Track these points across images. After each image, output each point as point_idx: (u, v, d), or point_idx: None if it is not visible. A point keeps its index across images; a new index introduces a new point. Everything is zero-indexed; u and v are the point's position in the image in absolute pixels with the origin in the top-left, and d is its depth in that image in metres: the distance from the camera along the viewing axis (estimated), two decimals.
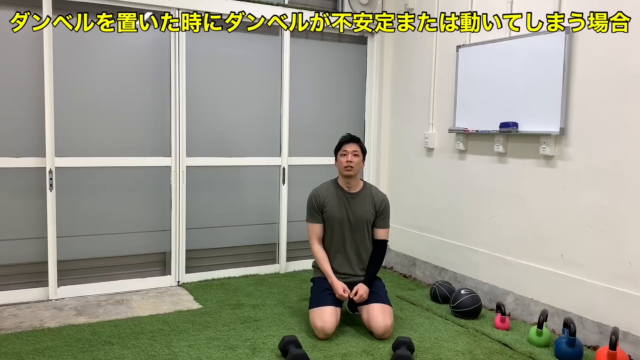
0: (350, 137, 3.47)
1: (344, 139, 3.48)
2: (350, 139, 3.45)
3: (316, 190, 3.52)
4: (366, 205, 3.46)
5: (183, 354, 2.96)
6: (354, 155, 3.40)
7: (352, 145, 3.42)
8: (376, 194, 3.52)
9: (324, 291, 3.35)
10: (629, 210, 3.02)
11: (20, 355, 2.89)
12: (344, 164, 3.40)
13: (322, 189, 3.52)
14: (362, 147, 3.47)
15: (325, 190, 3.50)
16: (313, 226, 3.48)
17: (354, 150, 3.41)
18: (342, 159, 3.42)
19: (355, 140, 3.46)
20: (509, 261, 3.74)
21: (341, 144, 3.46)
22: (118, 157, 3.97)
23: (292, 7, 4.44)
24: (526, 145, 3.61)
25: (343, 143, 3.45)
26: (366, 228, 3.47)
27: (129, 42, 3.96)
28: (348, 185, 3.46)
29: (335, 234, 3.46)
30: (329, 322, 3.19)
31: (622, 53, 3.04)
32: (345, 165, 3.39)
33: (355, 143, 3.44)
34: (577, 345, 2.94)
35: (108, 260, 4.04)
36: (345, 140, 3.45)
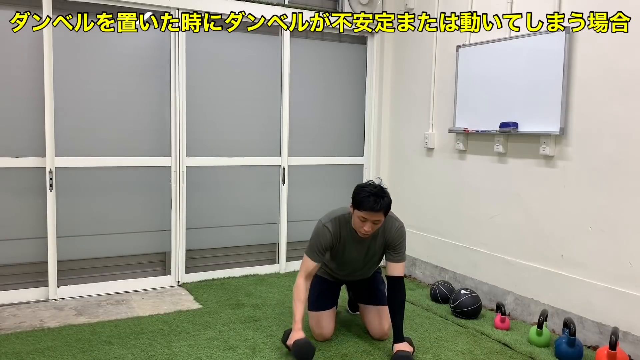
0: (376, 202, 2.78)
1: (369, 204, 2.77)
2: (378, 208, 2.78)
3: (329, 228, 2.99)
4: (378, 242, 3.06)
5: (183, 354, 2.96)
6: (374, 223, 2.85)
7: (376, 215, 2.81)
8: (388, 227, 3.00)
9: (321, 295, 3.24)
10: (628, 210, 3.02)
11: (20, 355, 2.89)
12: (360, 229, 2.88)
13: (335, 226, 2.99)
14: (387, 212, 2.87)
15: (339, 230, 3.00)
16: (311, 263, 3.00)
17: (377, 220, 2.84)
18: (359, 222, 2.86)
19: (383, 207, 2.81)
20: (509, 261, 3.74)
21: (363, 207, 2.80)
22: (118, 157, 3.97)
23: (292, 7, 4.44)
24: (526, 145, 3.61)
25: (365, 209, 2.79)
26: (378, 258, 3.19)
27: (129, 42, 3.96)
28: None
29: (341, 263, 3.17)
30: (326, 328, 3.19)
31: (622, 53, 3.04)
32: (362, 232, 2.88)
33: (382, 212, 2.82)
34: (577, 345, 2.94)
35: (108, 260, 4.04)
36: (370, 208, 2.78)
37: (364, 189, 2.84)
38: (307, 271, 3.01)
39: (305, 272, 3.01)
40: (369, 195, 2.79)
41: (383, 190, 2.85)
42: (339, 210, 3.06)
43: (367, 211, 2.79)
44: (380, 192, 2.82)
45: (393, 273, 3.00)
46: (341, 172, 4.91)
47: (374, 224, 2.85)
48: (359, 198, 2.82)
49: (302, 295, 2.98)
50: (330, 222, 3.00)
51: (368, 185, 2.87)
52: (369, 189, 2.83)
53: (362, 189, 2.84)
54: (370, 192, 2.80)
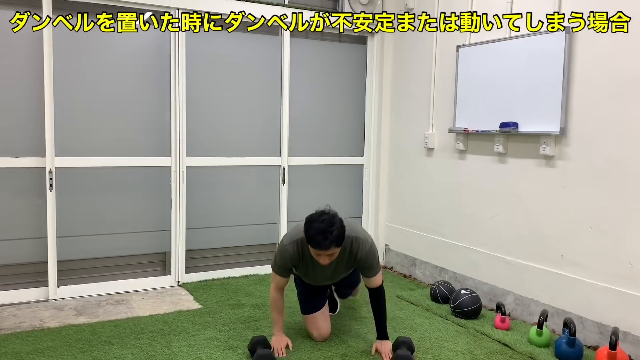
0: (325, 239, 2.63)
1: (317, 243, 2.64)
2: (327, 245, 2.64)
3: (289, 250, 2.90)
4: (343, 263, 2.98)
5: (183, 354, 2.96)
6: (329, 256, 2.74)
7: (327, 251, 2.70)
8: (354, 250, 2.90)
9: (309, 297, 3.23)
10: (629, 210, 3.02)
11: (20, 355, 2.89)
12: (318, 260, 2.78)
13: (296, 248, 2.90)
14: (339, 243, 2.71)
15: (300, 251, 2.91)
16: (279, 279, 2.99)
17: (331, 254, 2.73)
18: (315, 255, 2.77)
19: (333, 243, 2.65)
20: (509, 261, 3.74)
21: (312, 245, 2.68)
22: (118, 157, 3.97)
23: (292, 7, 4.44)
24: (526, 145, 3.61)
25: (315, 247, 2.68)
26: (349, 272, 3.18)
27: (129, 42, 3.96)
28: None
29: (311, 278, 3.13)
30: (323, 327, 3.19)
31: (622, 53, 3.04)
32: (320, 262, 2.79)
33: (333, 247, 2.67)
34: (577, 345, 2.94)
35: (108, 260, 4.04)
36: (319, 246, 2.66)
37: (312, 224, 2.68)
38: (277, 286, 3.03)
39: (276, 287, 3.03)
40: (317, 232, 2.64)
41: (332, 222, 2.66)
42: (300, 231, 2.85)
43: (316, 249, 2.69)
44: (329, 226, 2.64)
45: (371, 285, 3.01)
46: (341, 172, 4.91)
47: (329, 257, 2.74)
48: (307, 235, 2.69)
49: (279, 306, 3.05)
50: (290, 244, 2.91)
51: (317, 219, 2.69)
52: (317, 224, 2.66)
53: (311, 225, 2.68)
54: (318, 228, 2.64)
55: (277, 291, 3.04)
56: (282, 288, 3.05)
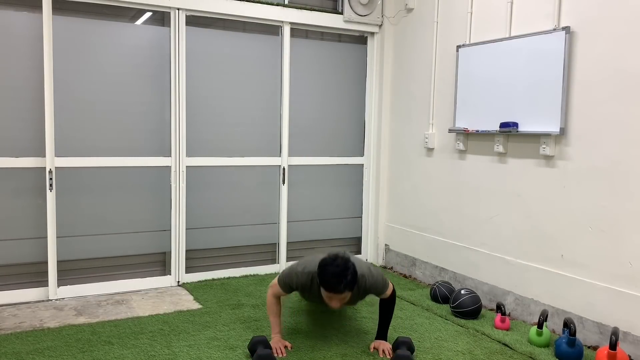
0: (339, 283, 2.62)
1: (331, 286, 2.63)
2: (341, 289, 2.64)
3: (300, 277, 2.91)
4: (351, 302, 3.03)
5: (183, 354, 2.96)
6: (341, 300, 2.73)
7: (341, 295, 2.68)
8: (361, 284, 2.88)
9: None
10: (629, 210, 3.02)
11: (20, 355, 2.89)
12: (329, 303, 2.77)
13: (306, 280, 2.90)
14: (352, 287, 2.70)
15: (309, 284, 2.91)
16: (280, 291, 3.00)
17: (343, 298, 2.72)
18: (326, 298, 2.75)
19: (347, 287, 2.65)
20: (509, 261, 3.74)
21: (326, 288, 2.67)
22: (118, 157, 3.97)
23: (292, 7, 4.44)
24: (526, 145, 3.61)
25: (329, 290, 2.66)
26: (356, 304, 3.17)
27: (128, 42, 3.96)
28: None
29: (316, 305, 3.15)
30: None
31: (622, 53, 3.04)
32: (331, 305, 2.77)
33: (347, 292, 2.67)
34: (577, 345, 2.94)
35: (108, 260, 4.04)
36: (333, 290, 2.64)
37: (327, 268, 2.66)
38: (276, 295, 3.05)
39: (274, 294, 3.05)
40: (331, 276, 2.63)
41: (346, 266, 2.65)
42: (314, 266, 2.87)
43: (330, 292, 2.68)
44: (344, 270, 2.63)
45: (383, 297, 3.06)
46: (341, 172, 4.91)
47: (341, 300, 2.73)
48: (321, 278, 2.67)
49: (276, 310, 3.06)
50: (303, 274, 2.91)
51: (332, 262, 2.67)
52: (331, 268, 2.64)
53: (325, 268, 2.66)
54: (333, 272, 2.63)
55: (274, 297, 3.06)
56: (280, 297, 3.08)
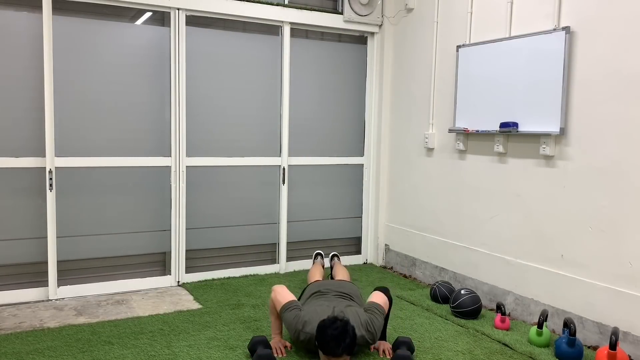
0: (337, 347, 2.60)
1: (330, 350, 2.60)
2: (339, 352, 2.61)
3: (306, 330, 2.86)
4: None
5: (183, 354, 2.96)
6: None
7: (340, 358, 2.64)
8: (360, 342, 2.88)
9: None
10: (629, 210, 3.02)
11: (20, 355, 2.89)
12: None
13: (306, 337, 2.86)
14: (351, 352, 2.67)
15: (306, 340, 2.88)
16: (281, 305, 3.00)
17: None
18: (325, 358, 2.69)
19: (345, 350, 2.62)
20: (509, 261, 3.74)
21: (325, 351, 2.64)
22: (118, 157, 3.97)
23: (292, 7, 4.44)
24: (526, 145, 3.61)
25: (327, 354, 2.63)
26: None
27: (128, 41, 3.96)
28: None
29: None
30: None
31: (622, 53, 3.04)
32: None
33: (345, 355, 2.64)
34: (577, 345, 2.94)
35: (108, 260, 4.04)
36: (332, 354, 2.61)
37: (326, 331, 2.63)
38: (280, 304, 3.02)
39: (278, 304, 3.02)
40: (330, 339, 2.60)
41: (345, 330, 2.62)
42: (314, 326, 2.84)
43: (328, 356, 2.63)
44: (342, 333, 2.61)
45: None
46: (341, 172, 4.91)
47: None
48: (320, 340, 2.64)
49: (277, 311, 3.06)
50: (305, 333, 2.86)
51: (330, 326, 2.64)
52: (330, 331, 2.61)
53: (324, 331, 2.63)
54: (332, 335, 2.60)
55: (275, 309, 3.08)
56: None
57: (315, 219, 4.83)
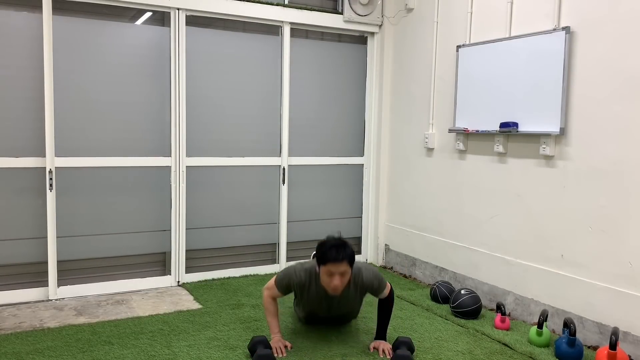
0: (338, 253, 2.78)
1: (332, 255, 2.77)
2: (340, 258, 2.77)
3: (299, 274, 2.99)
4: (349, 299, 3.08)
5: (183, 354, 2.96)
6: (341, 276, 2.82)
7: (341, 266, 2.79)
8: (359, 279, 2.99)
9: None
10: (629, 210, 3.02)
11: (20, 355, 2.89)
12: (330, 285, 2.85)
13: (305, 277, 2.98)
14: (351, 261, 2.85)
15: (308, 281, 2.99)
16: (277, 292, 3.04)
17: (343, 271, 2.82)
18: (327, 278, 2.84)
19: (346, 257, 2.79)
20: (509, 261, 3.74)
21: (326, 259, 2.79)
22: (118, 157, 3.97)
23: (292, 7, 4.44)
24: (526, 145, 3.61)
25: (329, 261, 2.78)
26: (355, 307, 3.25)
27: (128, 41, 3.96)
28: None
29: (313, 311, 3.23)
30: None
31: (622, 53, 3.04)
32: (332, 287, 2.85)
33: (346, 262, 2.80)
34: (577, 345, 2.94)
35: (108, 260, 4.04)
36: (333, 259, 2.78)
37: (326, 242, 2.86)
38: (272, 296, 3.07)
39: (270, 295, 3.07)
40: (330, 247, 2.81)
41: (344, 241, 2.86)
42: (312, 263, 3.03)
43: (331, 262, 2.78)
44: (342, 243, 2.84)
45: (381, 297, 3.10)
46: (341, 172, 4.91)
47: (341, 276, 2.83)
48: (321, 252, 2.83)
49: (274, 310, 3.08)
50: (301, 271, 3.01)
51: (329, 240, 2.88)
52: (330, 242, 2.85)
53: (324, 244, 2.86)
54: (332, 244, 2.82)
55: (270, 298, 3.08)
56: (276, 298, 3.10)
57: (316, 219, 4.83)
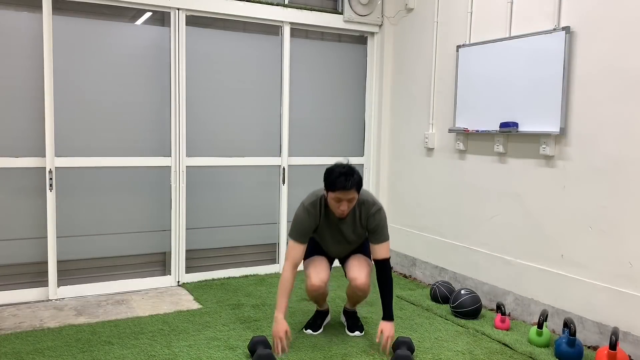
0: (347, 180, 2.83)
1: (340, 184, 2.82)
2: (349, 186, 2.83)
3: (309, 208, 3.02)
4: (356, 225, 3.09)
5: (183, 354, 2.96)
6: (349, 202, 2.90)
7: (349, 193, 2.86)
8: (364, 209, 3.04)
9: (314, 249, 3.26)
10: (629, 210, 3.02)
11: (20, 355, 2.89)
12: (337, 210, 2.92)
13: (313, 205, 3.03)
14: (359, 188, 2.92)
15: (320, 209, 3.04)
16: (297, 247, 2.99)
17: (351, 198, 2.89)
18: (335, 203, 2.90)
19: (354, 185, 2.85)
20: (509, 261, 3.74)
21: (335, 187, 2.85)
22: (118, 157, 3.97)
23: (292, 7, 4.45)
24: (526, 145, 3.61)
25: (338, 189, 2.84)
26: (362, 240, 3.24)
27: (129, 42, 3.96)
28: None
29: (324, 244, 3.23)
30: (322, 272, 3.12)
31: (622, 53, 3.04)
32: (339, 212, 2.93)
33: (354, 189, 2.86)
34: (577, 345, 2.94)
35: (108, 260, 4.04)
36: (342, 187, 2.83)
37: (334, 170, 2.88)
38: (294, 258, 2.98)
39: (292, 260, 2.98)
40: (339, 175, 2.84)
41: (352, 168, 2.89)
42: (320, 191, 3.07)
43: (339, 190, 2.83)
44: (350, 170, 2.86)
45: (377, 256, 3.04)
46: None
47: (349, 202, 2.89)
48: (329, 180, 2.87)
49: (289, 288, 2.96)
50: (311, 204, 3.03)
51: (337, 167, 2.90)
52: (338, 169, 2.87)
53: (332, 171, 2.88)
54: (340, 172, 2.85)
55: (291, 269, 2.96)
56: (297, 264, 3.00)
57: None
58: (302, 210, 3.03)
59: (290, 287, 2.96)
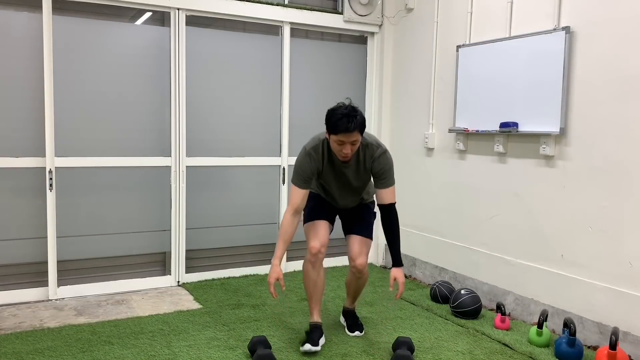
0: (349, 122, 2.71)
1: (343, 125, 2.71)
2: (352, 128, 2.72)
3: (310, 151, 2.92)
4: (360, 169, 2.97)
5: (183, 354, 2.96)
6: (352, 145, 2.79)
7: (352, 136, 2.75)
8: (368, 152, 2.92)
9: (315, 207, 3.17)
10: (629, 210, 3.02)
11: (20, 355, 2.89)
12: (340, 153, 2.82)
13: (315, 150, 2.92)
14: (362, 130, 2.80)
15: (322, 152, 2.93)
16: (299, 192, 2.90)
17: (354, 140, 2.78)
18: (337, 146, 2.80)
19: (357, 126, 2.74)
20: (509, 261, 3.74)
21: (337, 130, 2.74)
22: (118, 157, 3.97)
23: (292, 7, 4.45)
24: (526, 145, 3.61)
25: (340, 131, 2.73)
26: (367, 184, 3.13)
27: (129, 42, 3.96)
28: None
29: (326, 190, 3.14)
30: (322, 236, 3.07)
31: (622, 53, 3.04)
32: (342, 155, 2.83)
33: (357, 131, 2.74)
34: (577, 345, 2.94)
35: (108, 260, 4.04)
36: (345, 129, 2.72)
37: (336, 111, 2.76)
38: (295, 204, 2.92)
39: (293, 205, 2.92)
40: (341, 117, 2.72)
41: (354, 109, 2.77)
42: (322, 134, 2.96)
43: (342, 133, 2.72)
44: (352, 111, 2.75)
45: (383, 201, 2.97)
46: None
47: (352, 145, 2.78)
48: (331, 122, 2.76)
49: (288, 235, 2.92)
50: (313, 148, 2.93)
51: (339, 108, 2.78)
52: (340, 111, 2.75)
53: (334, 112, 2.77)
54: (342, 113, 2.73)
55: (293, 213, 2.92)
56: (300, 209, 2.95)
57: None
58: (304, 154, 2.93)
59: (289, 234, 2.92)
